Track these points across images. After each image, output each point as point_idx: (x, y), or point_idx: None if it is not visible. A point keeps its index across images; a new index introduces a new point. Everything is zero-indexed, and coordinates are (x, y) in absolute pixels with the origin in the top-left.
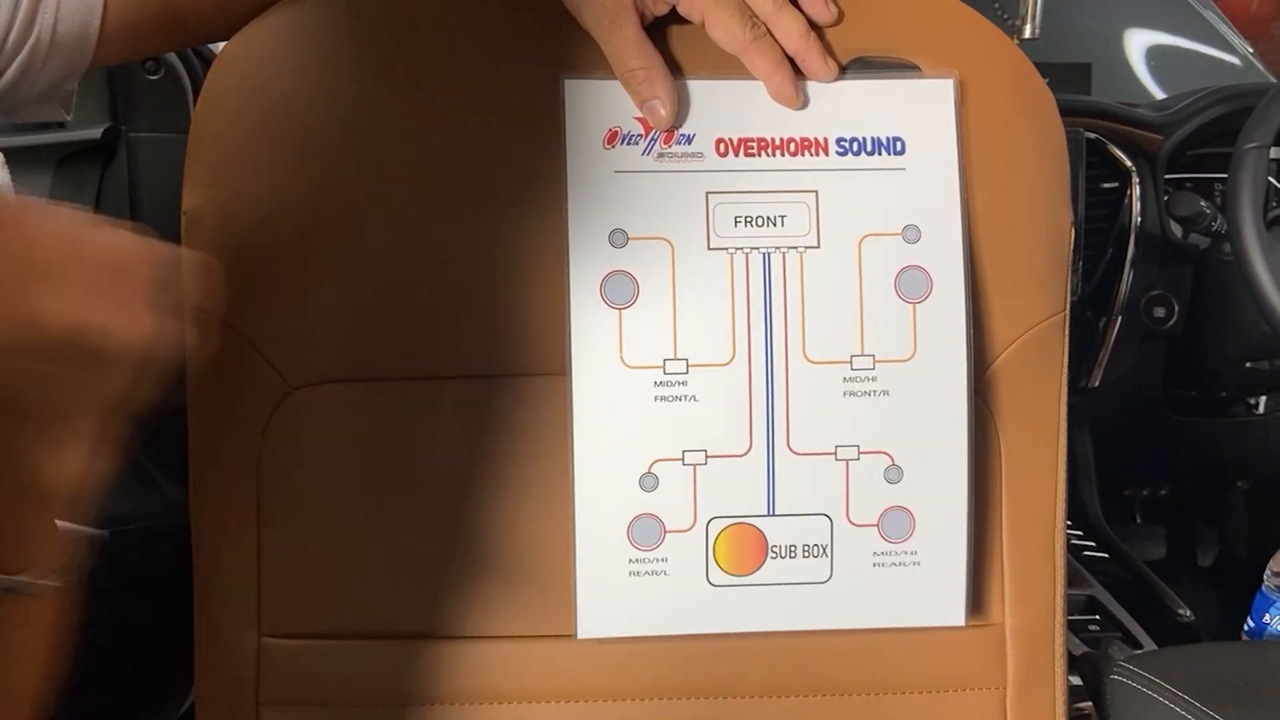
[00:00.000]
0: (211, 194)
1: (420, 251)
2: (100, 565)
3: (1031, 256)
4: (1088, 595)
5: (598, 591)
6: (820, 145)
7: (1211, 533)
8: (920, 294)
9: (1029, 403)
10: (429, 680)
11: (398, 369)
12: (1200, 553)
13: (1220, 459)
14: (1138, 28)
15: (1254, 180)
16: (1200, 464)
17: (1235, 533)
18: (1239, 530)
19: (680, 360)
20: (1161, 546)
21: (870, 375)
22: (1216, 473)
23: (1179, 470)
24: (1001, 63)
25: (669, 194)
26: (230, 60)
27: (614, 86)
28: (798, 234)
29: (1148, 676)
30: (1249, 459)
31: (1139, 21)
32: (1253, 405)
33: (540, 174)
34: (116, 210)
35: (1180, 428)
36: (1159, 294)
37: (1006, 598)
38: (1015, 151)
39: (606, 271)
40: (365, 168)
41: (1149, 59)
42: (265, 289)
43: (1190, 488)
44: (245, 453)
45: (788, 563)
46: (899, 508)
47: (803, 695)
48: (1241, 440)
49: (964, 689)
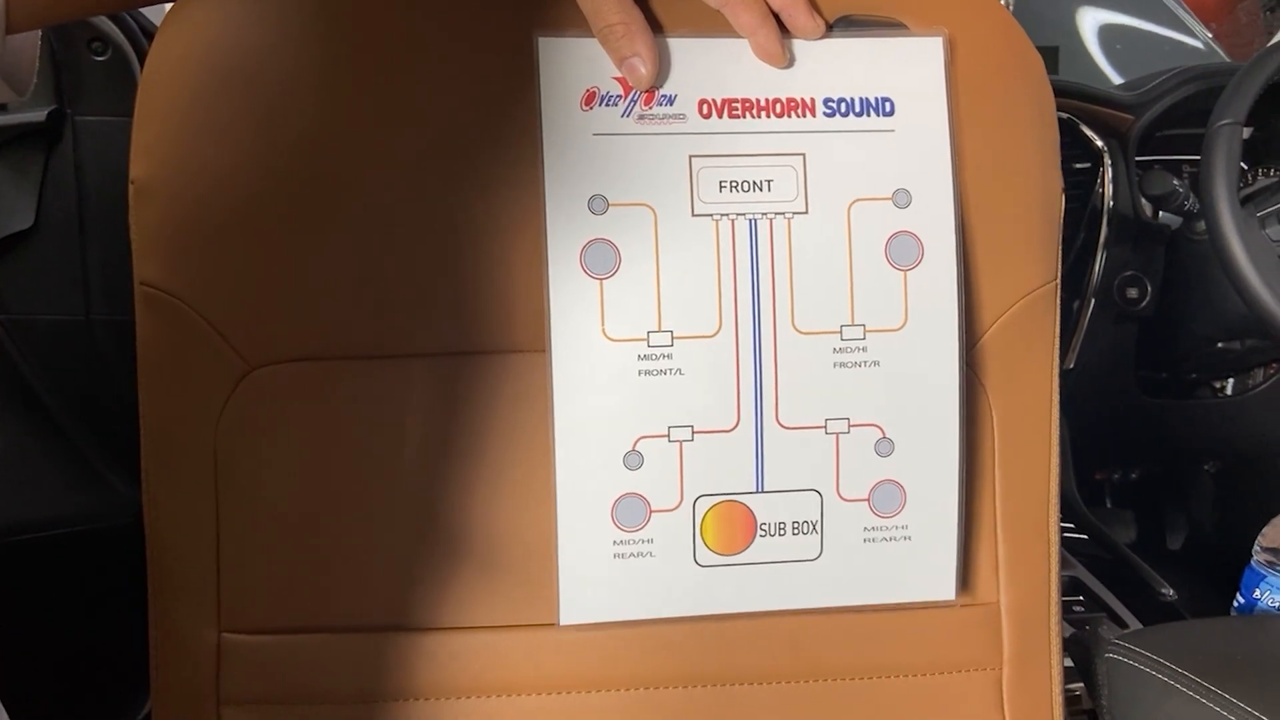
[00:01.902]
0: (160, 162)
1: (386, 221)
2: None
3: (1023, 222)
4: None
5: (580, 576)
6: (807, 106)
7: (1180, 515)
8: (911, 261)
9: (1021, 374)
10: (402, 675)
11: (364, 347)
12: (1170, 536)
13: (1188, 442)
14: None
15: (1227, 157)
16: (1169, 447)
17: (1204, 515)
18: (1207, 513)
19: (664, 332)
20: (1131, 530)
21: (860, 345)
22: (1185, 455)
23: (1148, 453)
24: (989, 22)
25: (650, 158)
26: (179, 19)
27: (591, 44)
28: (785, 199)
29: (1144, 654)
30: (1216, 442)
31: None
32: (1219, 388)
33: (514, 138)
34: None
35: (1150, 410)
36: (1132, 275)
37: (1000, 575)
38: (1005, 113)
39: (586, 240)
40: (325, 132)
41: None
42: (220, 262)
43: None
44: (201, 438)
45: (777, 540)
46: (890, 481)
47: (795, 681)
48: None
49: (959, 670)
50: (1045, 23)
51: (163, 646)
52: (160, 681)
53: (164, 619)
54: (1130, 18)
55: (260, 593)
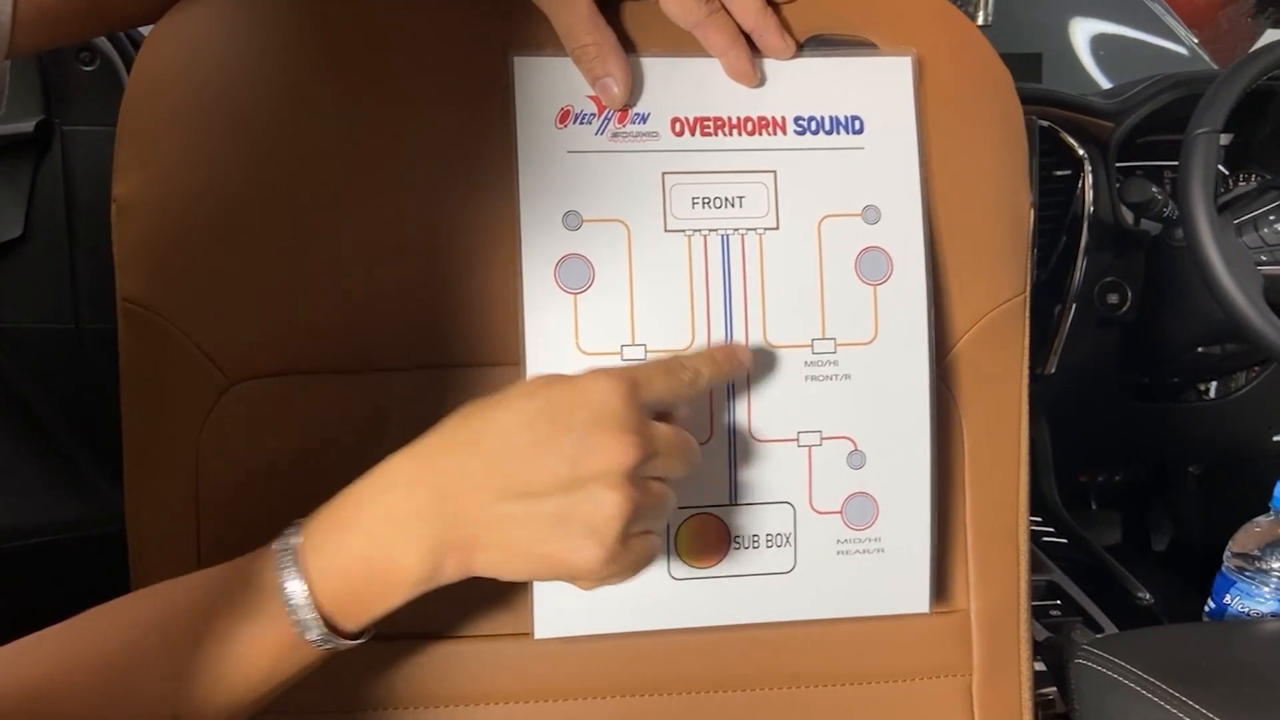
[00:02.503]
0: (141, 181)
1: (364, 238)
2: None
3: (992, 237)
4: (1048, 581)
5: (555, 589)
6: (778, 124)
7: (1165, 518)
8: (881, 275)
9: (991, 386)
10: (381, 684)
11: (343, 361)
12: (1155, 537)
13: (1173, 444)
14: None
15: (1205, 164)
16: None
17: (1189, 517)
18: (1192, 514)
19: (638, 346)
20: (1116, 532)
21: (832, 359)
22: (1170, 458)
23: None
24: (959, 41)
25: (624, 175)
26: (160, 41)
27: (565, 64)
28: (756, 215)
29: (1112, 660)
30: (1201, 444)
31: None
32: (1203, 391)
33: (490, 155)
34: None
35: (1134, 413)
36: (1112, 280)
37: (971, 583)
38: (974, 131)
39: (560, 255)
40: (305, 152)
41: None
42: (200, 278)
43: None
44: (183, 451)
45: (750, 553)
46: (862, 494)
47: (768, 689)
48: (1193, 425)
49: (930, 676)
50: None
51: None
52: None
53: None
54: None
55: None
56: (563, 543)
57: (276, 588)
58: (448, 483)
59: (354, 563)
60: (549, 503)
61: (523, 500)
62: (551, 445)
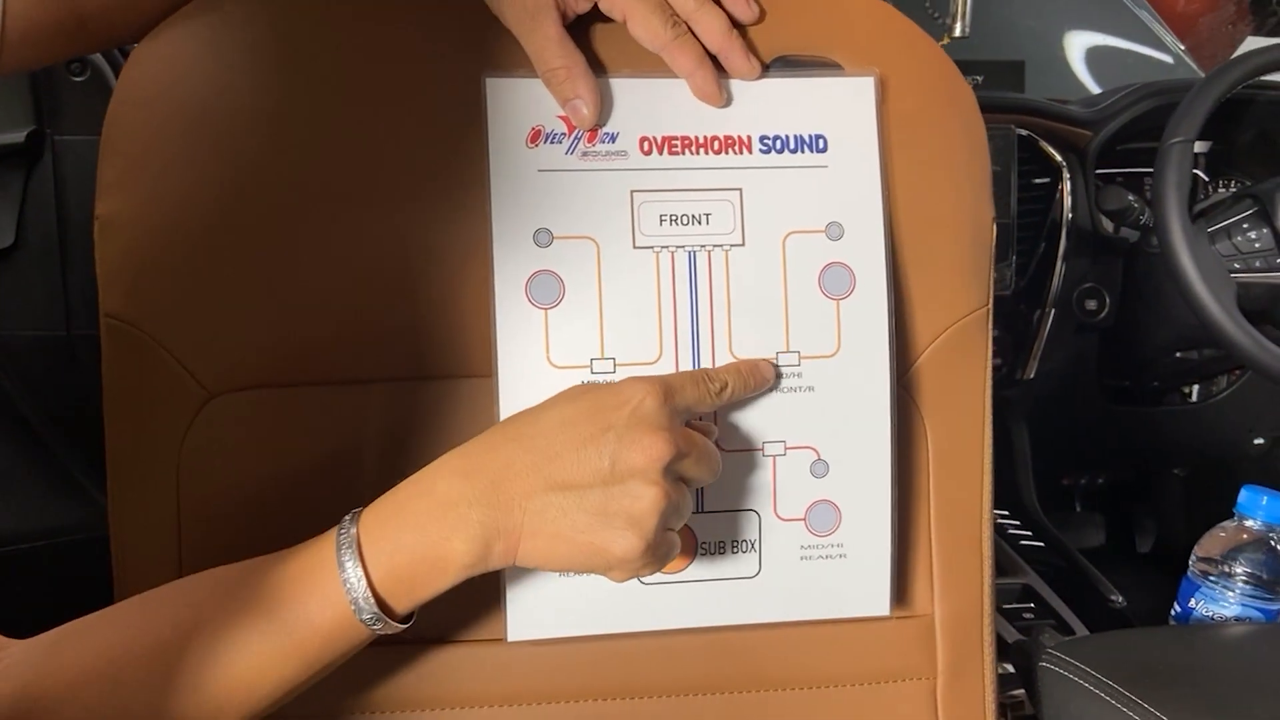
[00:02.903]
0: (124, 198)
1: (341, 254)
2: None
3: (954, 252)
4: (1023, 584)
5: (527, 593)
6: (744, 143)
7: (1149, 520)
8: (844, 290)
9: (954, 397)
10: (357, 688)
11: (320, 374)
12: (1139, 539)
13: (1156, 447)
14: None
15: (1178, 174)
16: (1137, 452)
17: (1172, 519)
18: (1176, 517)
19: (608, 360)
20: (1100, 534)
21: (796, 371)
22: (1153, 460)
23: (1116, 459)
24: (922, 61)
25: (593, 193)
26: (142, 61)
27: (536, 85)
28: (723, 232)
29: (1074, 663)
30: (1185, 446)
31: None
32: (1186, 394)
33: (463, 174)
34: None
35: (1115, 417)
36: (1090, 287)
37: (935, 589)
38: (936, 148)
39: (531, 271)
40: (282, 170)
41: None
42: (180, 294)
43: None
44: (164, 463)
45: (717, 559)
46: (825, 502)
47: (737, 691)
48: (1177, 428)
49: (895, 680)
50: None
51: None
52: None
53: None
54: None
55: None
56: (604, 533)
57: (336, 571)
58: (497, 474)
59: (408, 548)
60: (592, 495)
61: (567, 492)
62: (594, 442)
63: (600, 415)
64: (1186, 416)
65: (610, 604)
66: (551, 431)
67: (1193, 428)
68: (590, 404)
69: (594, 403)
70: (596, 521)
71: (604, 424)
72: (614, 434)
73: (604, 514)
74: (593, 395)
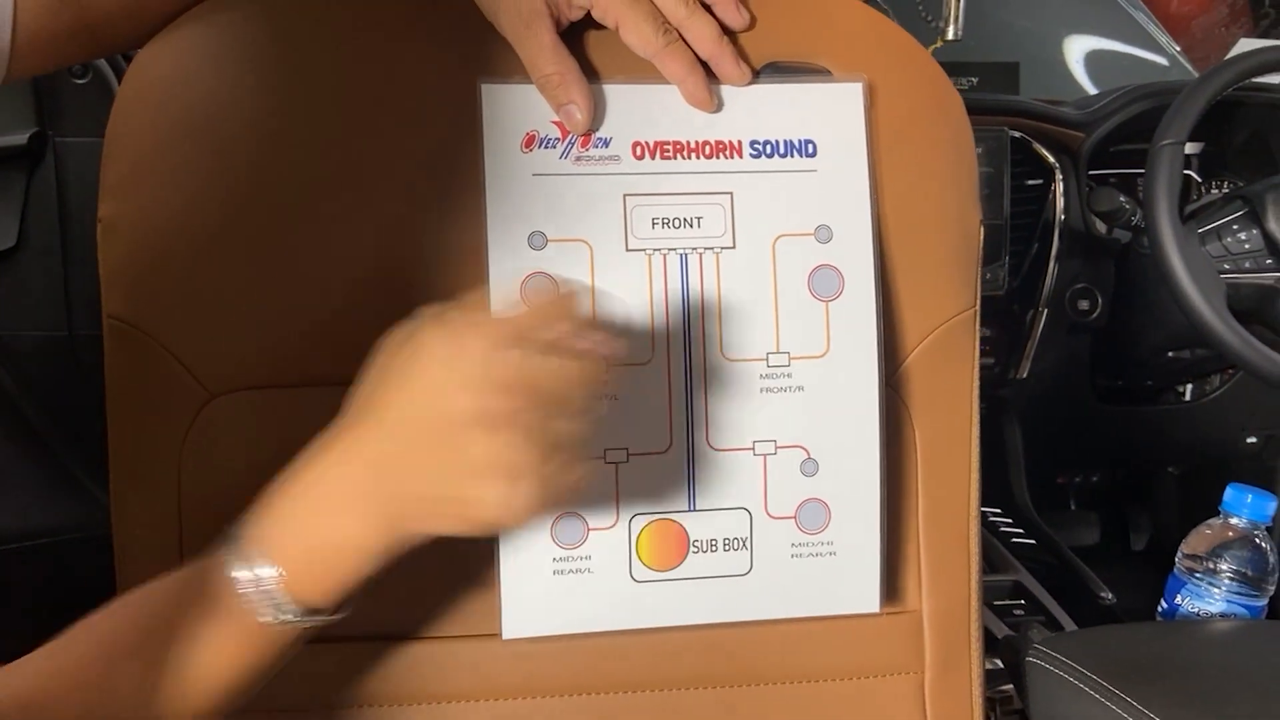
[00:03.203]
0: (126, 202)
1: (339, 257)
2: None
3: (941, 255)
4: (1014, 581)
5: (522, 591)
6: (734, 148)
7: (1144, 517)
8: (832, 292)
9: (942, 396)
10: (356, 683)
11: (320, 375)
12: (1134, 537)
13: (1151, 446)
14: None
15: (1169, 176)
16: (1131, 451)
17: (1167, 517)
18: (1170, 514)
19: None
20: (1095, 532)
21: (786, 372)
22: (1148, 459)
23: (1110, 457)
24: (911, 67)
25: (587, 196)
26: (144, 67)
27: (531, 91)
28: (714, 235)
29: (1060, 658)
30: (1179, 445)
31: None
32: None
33: (459, 178)
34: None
35: (1109, 416)
36: (1083, 287)
37: (923, 585)
38: (924, 153)
39: (527, 273)
40: (282, 173)
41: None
42: (182, 297)
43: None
44: (165, 461)
45: (709, 557)
46: (815, 500)
47: (728, 686)
48: (1171, 427)
49: (884, 674)
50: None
51: None
52: None
53: None
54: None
55: None
56: (470, 493)
57: (228, 578)
58: (376, 464)
59: (302, 541)
60: (450, 465)
61: (432, 470)
62: (436, 415)
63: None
64: (1180, 415)
65: (603, 602)
66: (403, 413)
67: (1186, 426)
68: (423, 379)
69: (423, 375)
70: (467, 480)
71: (440, 381)
72: (445, 398)
73: (461, 478)
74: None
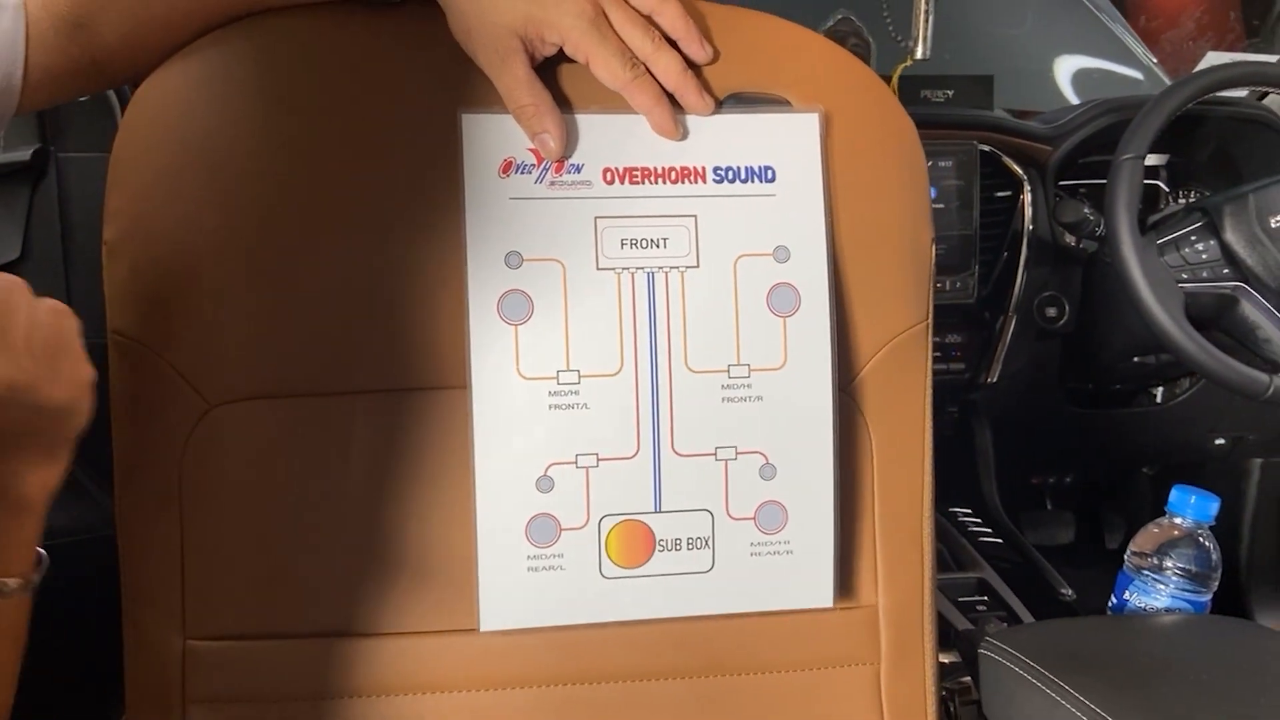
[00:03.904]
0: (129, 226)
1: (329, 276)
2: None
3: (894, 272)
4: (978, 578)
5: (498, 587)
6: (699, 174)
7: (1118, 517)
8: (790, 309)
9: (896, 404)
10: (345, 675)
11: (311, 385)
12: (1108, 537)
13: (1124, 447)
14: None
15: (1129, 189)
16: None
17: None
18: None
19: (572, 371)
20: (1070, 531)
21: (746, 382)
22: (1122, 460)
23: (1084, 459)
24: (867, 96)
25: (560, 219)
26: (145, 99)
27: (508, 121)
28: (679, 255)
29: (1008, 650)
30: (1151, 447)
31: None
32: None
33: (440, 201)
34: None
35: (1081, 419)
36: (1051, 295)
37: (879, 581)
38: (878, 177)
39: (503, 291)
40: (275, 198)
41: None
42: (181, 313)
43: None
44: (167, 468)
45: (674, 555)
46: (773, 502)
47: (693, 676)
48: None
49: (841, 665)
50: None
51: (135, 651)
52: (133, 682)
53: (135, 627)
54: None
55: (220, 604)
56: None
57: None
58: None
59: None
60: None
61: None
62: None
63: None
64: (1151, 418)
65: (574, 597)
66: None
67: (1157, 429)
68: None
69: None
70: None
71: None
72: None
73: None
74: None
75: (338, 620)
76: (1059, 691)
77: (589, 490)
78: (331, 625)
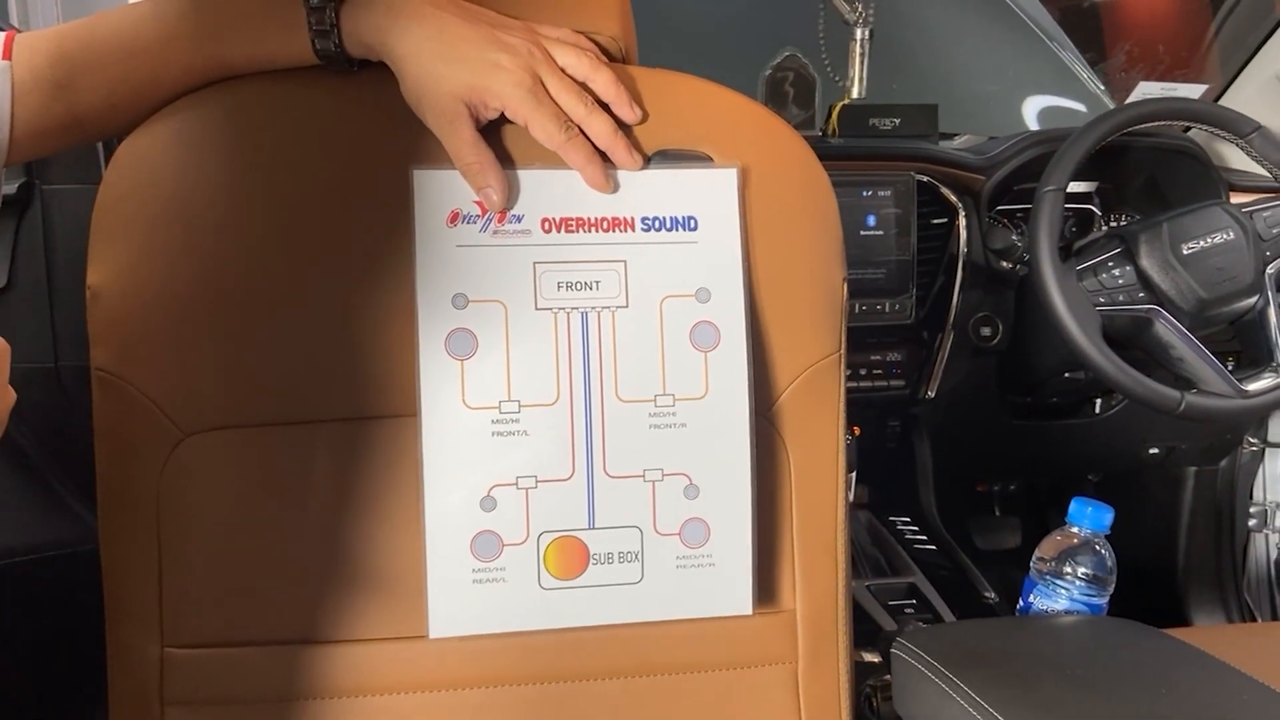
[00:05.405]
0: (110, 272)
1: (294, 316)
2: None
3: (807, 309)
4: (909, 582)
5: (446, 598)
6: (628, 223)
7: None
8: (710, 344)
9: (812, 427)
10: (308, 679)
11: (277, 415)
12: None
13: (1063, 458)
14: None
15: (1049, 219)
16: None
17: None
18: None
19: (513, 402)
20: (1017, 536)
21: (671, 411)
22: (1065, 468)
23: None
24: (785, 150)
25: (503, 264)
26: (126, 158)
27: (455, 176)
28: (610, 296)
29: (914, 649)
30: (1089, 457)
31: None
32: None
33: (394, 248)
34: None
35: (1022, 431)
36: (985, 315)
37: (797, 587)
38: (792, 223)
39: (450, 329)
40: (244, 247)
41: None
42: (158, 351)
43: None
44: (146, 491)
45: (606, 567)
46: (697, 519)
47: (626, 676)
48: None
49: (763, 664)
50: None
51: (116, 658)
52: (115, 686)
53: (116, 636)
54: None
55: (195, 615)
56: None
57: None
58: None
59: None
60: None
61: None
62: None
63: None
64: (1090, 429)
65: (516, 606)
66: None
67: (1096, 439)
68: None
69: None
70: None
71: None
72: None
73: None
74: None
75: (302, 629)
76: (952, 686)
77: (529, 509)
78: (297, 634)
